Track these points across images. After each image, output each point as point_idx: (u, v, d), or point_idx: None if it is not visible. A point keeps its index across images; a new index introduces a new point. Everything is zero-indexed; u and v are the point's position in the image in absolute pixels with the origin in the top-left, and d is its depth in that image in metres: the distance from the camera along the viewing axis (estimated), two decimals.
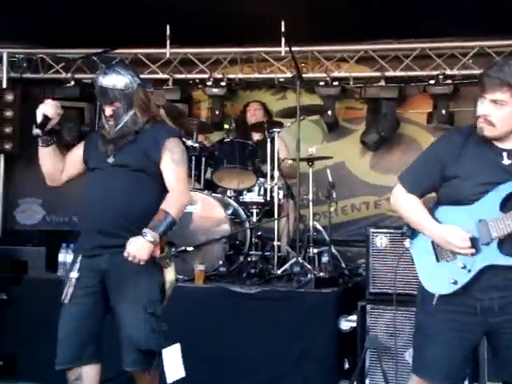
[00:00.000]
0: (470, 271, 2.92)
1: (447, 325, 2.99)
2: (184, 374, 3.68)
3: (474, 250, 2.88)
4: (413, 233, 3.15)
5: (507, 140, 2.97)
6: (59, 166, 3.73)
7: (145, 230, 3.41)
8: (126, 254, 3.38)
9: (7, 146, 8.00)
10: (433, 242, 3.03)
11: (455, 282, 2.94)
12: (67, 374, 3.50)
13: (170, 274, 3.63)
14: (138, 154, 3.58)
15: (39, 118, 3.57)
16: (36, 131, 3.54)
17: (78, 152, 3.77)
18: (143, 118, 3.64)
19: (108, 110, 3.60)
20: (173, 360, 3.64)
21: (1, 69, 8.18)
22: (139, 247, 3.39)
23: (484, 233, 2.90)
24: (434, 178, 3.06)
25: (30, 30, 7.74)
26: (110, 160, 3.59)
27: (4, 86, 8.10)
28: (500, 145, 2.97)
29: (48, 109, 3.58)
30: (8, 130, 7.94)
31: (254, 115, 6.93)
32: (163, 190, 3.60)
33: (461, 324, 2.97)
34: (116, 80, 3.58)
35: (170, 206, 3.52)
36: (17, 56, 8.24)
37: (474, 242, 2.90)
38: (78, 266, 3.53)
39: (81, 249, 3.62)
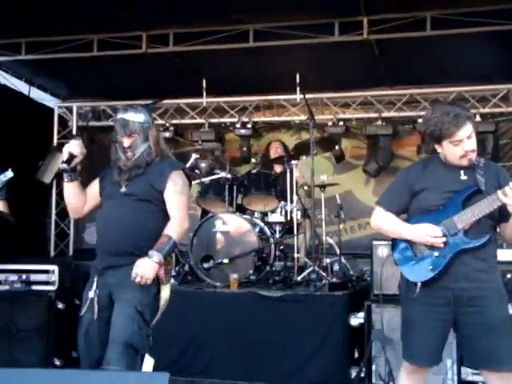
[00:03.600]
0: (444, 257, 2.95)
1: (427, 316, 2.99)
2: None
3: (444, 239, 2.93)
4: (393, 243, 3.18)
5: None
6: (82, 198, 3.51)
7: (150, 253, 3.21)
8: (133, 274, 3.18)
9: None
10: (410, 244, 3.07)
11: (433, 269, 2.96)
12: None
13: (165, 291, 3.34)
14: (146, 185, 3.35)
15: (65, 156, 3.38)
16: (63, 166, 3.37)
17: (95, 187, 3.54)
18: (154, 152, 3.42)
19: (127, 142, 3.36)
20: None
21: (71, 119, 8.33)
22: (146, 268, 3.19)
23: (451, 226, 2.95)
24: (403, 196, 3.12)
25: (93, 87, 7.90)
26: (122, 190, 3.37)
27: (74, 132, 8.23)
28: (457, 166, 3.02)
29: (73, 147, 3.40)
30: (78, 167, 8.04)
31: (276, 152, 6.95)
32: (166, 217, 3.35)
33: (438, 314, 2.97)
34: (136, 115, 3.39)
35: (172, 230, 3.29)
36: (83, 108, 8.39)
37: (446, 237, 2.95)
38: (95, 285, 3.30)
39: (95, 268, 3.37)
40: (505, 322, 2.94)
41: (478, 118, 7.15)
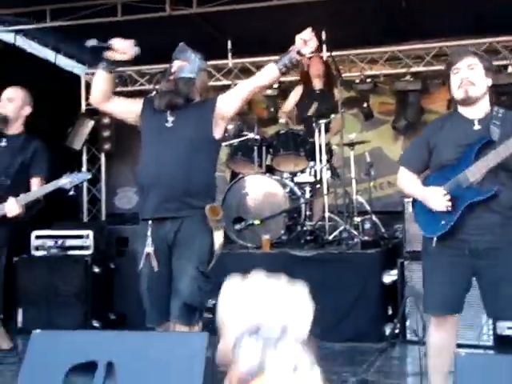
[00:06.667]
0: (456, 211, 2.96)
1: (445, 266, 3.02)
2: None
3: (449, 203, 2.96)
4: (413, 199, 3.23)
5: (478, 109, 3.03)
6: (108, 93, 3.33)
7: None
8: None
9: (106, 147, 8.18)
10: None
11: (446, 224, 2.98)
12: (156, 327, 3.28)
13: (218, 237, 3.26)
14: (192, 122, 3.23)
15: (110, 42, 3.19)
16: (92, 42, 3.15)
17: (137, 105, 3.39)
18: (197, 90, 3.32)
19: (176, 64, 3.28)
20: None
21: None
22: None
23: (464, 180, 2.96)
24: (422, 152, 3.15)
25: None
26: (169, 125, 3.23)
27: None
28: (471, 116, 3.03)
29: (124, 46, 3.19)
30: (106, 133, 8.11)
31: (318, 69, 6.40)
32: (215, 162, 3.35)
33: (455, 264, 3.00)
34: (194, 51, 3.38)
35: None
36: None
37: (457, 191, 2.96)
38: (149, 240, 3.18)
39: (145, 220, 3.22)
40: None
41: (510, 70, 7.00)
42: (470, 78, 2.98)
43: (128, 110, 3.41)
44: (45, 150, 4.49)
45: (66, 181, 4.01)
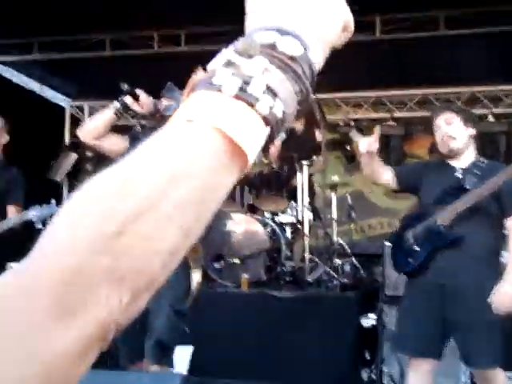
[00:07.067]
0: (423, 251, 3.05)
1: (418, 308, 3.08)
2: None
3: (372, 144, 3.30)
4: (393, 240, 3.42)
5: (463, 160, 3.16)
6: (101, 133, 3.43)
7: None
8: None
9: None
10: (401, 238, 3.22)
11: (412, 262, 3.09)
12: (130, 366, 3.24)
13: (196, 276, 3.19)
14: None
15: (137, 92, 3.39)
16: (125, 86, 3.41)
17: (123, 141, 3.51)
18: None
19: (165, 102, 3.43)
20: (182, 358, 3.47)
21: (83, 118, 8.34)
22: None
23: (433, 222, 3.07)
24: (410, 172, 3.49)
25: (105, 87, 7.89)
26: None
27: None
28: (456, 165, 3.17)
29: (147, 101, 3.40)
30: (89, 167, 8.08)
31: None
32: None
33: (427, 307, 3.04)
34: (182, 91, 3.42)
35: None
36: (96, 108, 8.40)
37: (426, 233, 3.07)
38: None
39: None
40: (487, 321, 2.92)
41: (490, 119, 7.13)
42: (449, 132, 3.12)
43: (116, 145, 3.47)
44: (21, 177, 4.45)
45: (32, 214, 3.96)
